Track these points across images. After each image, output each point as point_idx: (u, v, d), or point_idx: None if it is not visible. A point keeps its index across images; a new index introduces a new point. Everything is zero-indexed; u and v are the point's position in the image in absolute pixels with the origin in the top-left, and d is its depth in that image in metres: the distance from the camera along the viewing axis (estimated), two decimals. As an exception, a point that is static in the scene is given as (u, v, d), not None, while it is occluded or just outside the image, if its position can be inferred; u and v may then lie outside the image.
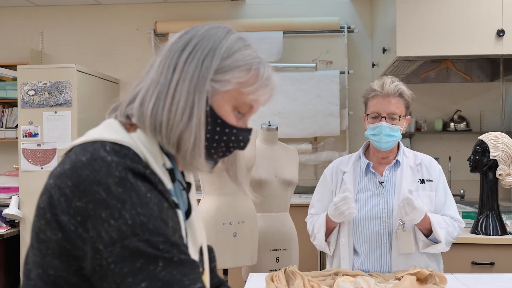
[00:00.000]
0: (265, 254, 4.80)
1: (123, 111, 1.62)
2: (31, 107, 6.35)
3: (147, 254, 1.39)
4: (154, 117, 1.56)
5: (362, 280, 3.00)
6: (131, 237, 1.38)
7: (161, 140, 1.58)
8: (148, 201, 1.45)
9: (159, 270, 1.39)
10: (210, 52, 1.62)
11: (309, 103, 7.38)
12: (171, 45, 1.66)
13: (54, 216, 1.45)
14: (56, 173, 1.50)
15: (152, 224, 1.42)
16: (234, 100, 1.64)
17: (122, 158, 1.48)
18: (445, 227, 3.40)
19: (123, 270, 1.38)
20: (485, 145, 4.39)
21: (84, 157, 1.46)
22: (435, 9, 5.14)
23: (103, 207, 1.40)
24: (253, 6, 7.79)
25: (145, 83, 1.63)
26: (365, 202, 3.52)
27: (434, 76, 7.15)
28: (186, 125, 1.56)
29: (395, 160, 3.57)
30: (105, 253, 1.39)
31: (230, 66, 1.63)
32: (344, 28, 7.54)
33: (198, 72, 1.59)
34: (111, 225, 1.39)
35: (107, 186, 1.41)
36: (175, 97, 1.56)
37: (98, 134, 1.55)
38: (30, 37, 8.03)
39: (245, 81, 1.64)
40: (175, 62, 1.61)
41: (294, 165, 5.00)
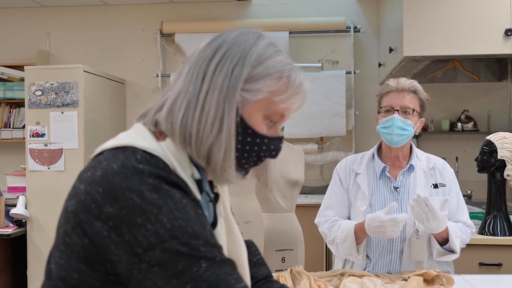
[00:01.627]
0: (271, 255, 4.79)
1: (151, 118, 1.59)
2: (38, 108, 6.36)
3: (189, 255, 1.39)
4: (184, 128, 1.53)
5: (368, 281, 2.99)
6: (170, 241, 1.38)
7: (191, 152, 1.55)
8: (184, 206, 1.44)
9: (203, 270, 1.39)
10: (240, 60, 1.58)
11: (315, 103, 7.37)
12: (200, 52, 1.62)
13: (82, 222, 1.44)
14: (86, 179, 1.48)
15: (191, 227, 1.42)
16: (265, 109, 1.60)
17: (154, 167, 1.46)
18: (460, 235, 3.36)
19: (166, 272, 1.38)
20: (492, 145, 4.37)
21: (116, 165, 1.45)
22: (442, 8, 5.12)
23: (137, 213, 1.39)
24: (259, 6, 7.79)
25: (173, 92, 1.59)
26: (380, 207, 3.44)
27: (441, 76, 7.13)
28: (216, 138, 1.52)
29: (409, 165, 3.52)
30: (145, 257, 1.38)
31: (260, 74, 1.59)
32: (350, 28, 7.53)
33: (228, 82, 1.54)
34: (148, 229, 1.38)
35: (141, 193, 1.40)
36: (205, 108, 1.52)
37: (129, 140, 1.53)
38: (37, 37, 8.05)
39: (277, 90, 1.60)
40: (204, 71, 1.57)
41: (300, 165, 4.98)
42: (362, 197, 3.48)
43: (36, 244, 6.31)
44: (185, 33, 7.69)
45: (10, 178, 6.78)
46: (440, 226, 3.20)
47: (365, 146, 7.01)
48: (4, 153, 7.97)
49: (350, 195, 3.55)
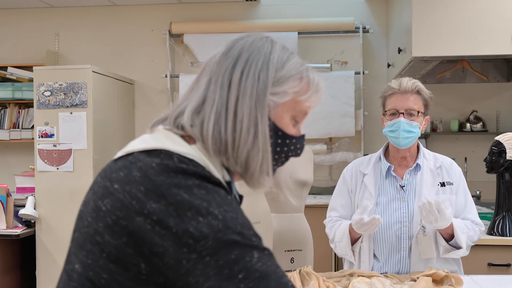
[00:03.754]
0: (280, 255, 4.79)
1: (173, 122, 1.60)
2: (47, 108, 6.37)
3: (242, 245, 1.40)
4: (218, 137, 1.54)
5: (377, 281, 2.99)
6: (224, 230, 1.39)
7: (226, 161, 1.57)
8: (231, 201, 1.47)
9: (255, 260, 1.41)
10: (264, 65, 1.60)
11: (324, 104, 7.29)
12: (219, 62, 1.62)
13: (119, 219, 1.44)
14: (121, 179, 1.48)
15: (241, 219, 1.45)
16: (292, 110, 1.65)
17: (195, 167, 1.48)
18: (466, 231, 3.37)
19: (218, 262, 1.38)
20: (501, 146, 4.36)
21: (155, 164, 1.46)
22: (451, 9, 5.11)
23: (187, 207, 1.39)
24: (268, 6, 7.80)
25: (192, 101, 1.60)
26: (386, 206, 3.48)
27: (450, 76, 7.11)
28: (253, 144, 1.55)
29: (416, 164, 3.53)
30: (197, 247, 1.38)
31: (284, 76, 1.63)
32: (359, 28, 7.52)
33: (257, 87, 1.57)
34: (199, 221, 1.38)
35: (189, 188, 1.42)
36: (238, 115, 1.54)
37: (161, 144, 1.53)
38: (46, 38, 8.07)
39: (300, 90, 1.66)
40: (228, 78, 1.57)
41: (309, 165, 4.98)
42: (369, 196, 3.51)
43: (44, 245, 6.32)
44: (194, 33, 7.70)
45: (19, 178, 6.80)
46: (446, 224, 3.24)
47: (374, 146, 7.00)
48: (13, 154, 7.99)
49: (357, 195, 3.57)
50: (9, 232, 5.96)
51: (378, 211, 3.46)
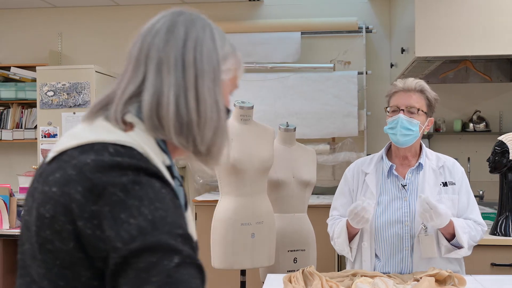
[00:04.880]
0: (283, 255, 4.79)
1: (118, 115, 1.55)
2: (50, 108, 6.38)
3: (165, 248, 1.37)
4: (180, 118, 1.52)
5: (380, 281, 2.99)
6: (152, 232, 1.36)
7: (187, 142, 1.56)
8: (164, 196, 1.43)
9: (172, 266, 1.36)
10: (212, 43, 1.61)
11: (327, 104, 7.37)
12: (164, 43, 1.60)
13: (66, 225, 1.41)
14: (58, 181, 1.45)
15: (171, 217, 1.40)
16: (232, 85, 1.68)
17: (130, 159, 1.44)
18: (468, 231, 3.37)
19: (139, 265, 1.35)
20: (504, 146, 4.36)
21: (89, 159, 1.43)
22: (454, 9, 5.11)
23: (121, 208, 1.37)
24: (271, 6, 7.80)
25: (141, 84, 1.57)
26: (387, 205, 3.49)
27: (453, 76, 7.11)
28: (218, 121, 1.57)
29: (418, 163, 3.54)
30: (123, 251, 1.35)
31: (227, 53, 1.64)
32: (362, 28, 7.52)
33: (213, 65, 1.58)
34: (130, 223, 1.36)
35: (124, 186, 1.39)
36: (200, 95, 1.54)
37: (94, 135, 1.50)
38: (49, 38, 8.08)
39: (237, 66, 1.67)
40: (181, 58, 1.56)
41: (312, 165, 4.99)
42: (370, 196, 3.51)
43: (48, 244, 6.32)
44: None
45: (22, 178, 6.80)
46: (444, 221, 3.25)
47: (377, 146, 6.99)
48: (16, 154, 8.00)
49: (359, 195, 3.58)
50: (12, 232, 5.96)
51: (379, 210, 3.47)
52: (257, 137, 4.56)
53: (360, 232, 3.51)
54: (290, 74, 7.50)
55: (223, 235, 4.44)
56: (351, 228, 3.45)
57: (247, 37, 7.59)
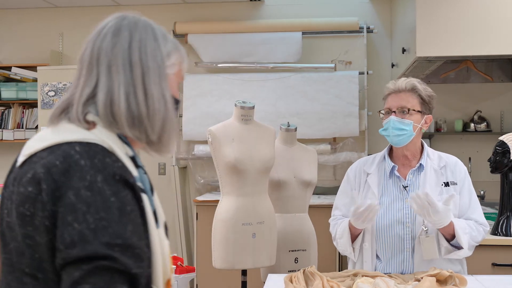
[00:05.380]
0: (284, 255, 4.79)
1: (80, 115, 1.69)
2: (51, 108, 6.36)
3: (101, 258, 1.47)
4: (131, 113, 1.68)
5: (381, 281, 2.99)
6: (92, 241, 1.48)
7: (139, 134, 1.72)
8: (111, 205, 1.53)
9: (105, 278, 1.47)
10: (155, 42, 1.79)
11: (328, 104, 7.37)
12: (111, 46, 1.78)
13: (44, 220, 1.55)
14: (30, 180, 1.60)
15: (112, 228, 1.51)
16: (178, 77, 1.86)
17: (93, 159, 1.58)
18: (468, 232, 3.36)
19: (74, 274, 1.47)
20: (505, 146, 4.36)
21: (58, 161, 1.58)
22: (455, 9, 5.11)
23: (70, 210, 1.50)
24: (272, 6, 7.80)
25: (95, 86, 1.72)
26: (389, 206, 3.48)
27: (454, 76, 7.12)
28: (165, 111, 1.73)
29: (419, 164, 3.53)
30: (63, 253, 1.49)
31: (170, 50, 1.83)
32: (363, 28, 7.52)
33: (157, 63, 1.76)
34: (74, 227, 1.49)
35: (77, 190, 1.52)
36: (148, 91, 1.71)
37: (61, 137, 1.65)
38: (50, 38, 8.08)
39: (181, 60, 1.87)
40: (128, 58, 1.72)
41: (313, 165, 4.99)
42: (372, 196, 3.51)
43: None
44: (198, 33, 7.70)
45: (23, 178, 6.80)
46: (444, 221, 3.24)
47: (378, 146, 6.99)
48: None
49: (361, 195, 3.57)
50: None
51: (380, 211, 3.46)
52: (258, 137, 4.56)
53: (361, 233, 3.50)
54: (291, 74, 7.50)
55: (224, 235, 4.44)
56: (354, 229, 3.45)
57: (248, 37, 7.60)
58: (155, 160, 7.95)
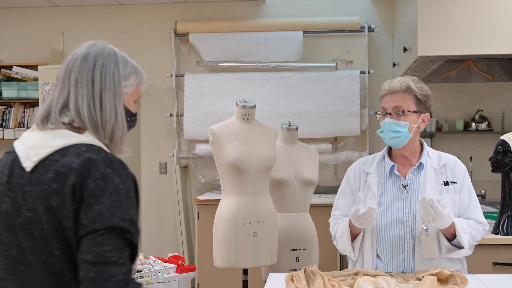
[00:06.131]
0: (285, 254, 4.79)
1: (58, 120, 2.16)
2: (52, 107, 6.37)
3: (118, 228, 1.99)
4: (92, 119, 2.16)
5: (382, 280, 2.99)
6: (109, 217, 1.98)
7: (99, 136, 2.18)
8: (120, 190, 2.04)
9: (119, 242, 2.00)
10: (115, 66, 2.24)
11: (329, 103, 7.37)
12: (80, 67, 2.21)
13: (72, 207, 2.01)
14: (54, 178, 2.03)
15: (122, 207, 2.02)
16: (135, 95, 2.35)
17: (101, 155, 2.08)
18: (469, 231, 3.35)
19: (96, 238, 1.97)
20: (506, 145, 4.35)
21: (75, 160, 2.05)
22: (456, 8, 5.10)
23: (91, 195, 1.99)
24: (273, 5, 7.80)
25: (67, 97, 2.19)
26: (389, 205, 3.48)
27: (455, 75, 7.11)
28: (115, 122, 2.19)
29: (419, 163, 3.53)
30: (88, 227, 1.97)
31: (129, 73, 2.29)
32: (364, 27, 7.52)
33: (114, 82, 2.21)
34: (95, 208, 1.98)
35: (95, 179, 2.01)
36: (103, 103, 2.18)
37: (64, 141, 2.11)
38: (51, 37, 8.09)
39: (138, 81, 2.34)
40: (91, 78, 2.19)
41: (314, 165, 4.98)
42: (372, 195, 3.51)
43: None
44: (199, 32, 7.70)
45: (24, 177, 6.80)
46: (446, 224, 3.23)
47: (379, 146, 6.99)
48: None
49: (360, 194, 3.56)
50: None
51: (380, 210, 3.47)
52: (259, 136, 4.56)
53: (362, 232, 3.50)
54: (292, 73, 7.51)
55: (225, 234, 4.44)
56: (354, 228, 3.45)
57: (249, 36, 7.60)
58: (156, 160, 7.97)
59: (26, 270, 2.08)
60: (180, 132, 7.80)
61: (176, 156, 7.72)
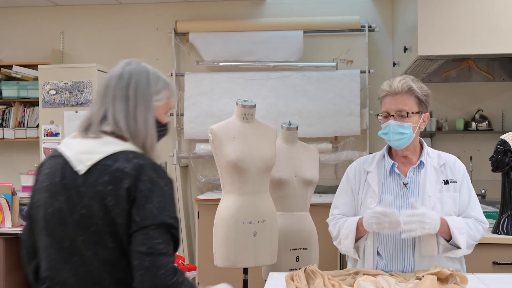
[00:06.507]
0: (285, 254, 4.79)
1: (98, 129, 2.49)
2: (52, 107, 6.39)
3: (166, 225, 2.34)
4: (128, 130, 2.48)
5: (382, 280, 2.99)
6: (158, 215, 2.33)
7: (135, 144, 2.49)
8: (165, 192, 2.39)
9: (167, 236, 2.36)
10: (147, 83, 2.54)
11: (329, 103, 7.37)
12: (117, 84, 2.51)
13: (125, 206, 2.33)
14: (109, 181, 2.35)
15: (168, 206, 2.38)
16: (165, 108, 2.64)
17: (148, 161, 2.43)
18: (466, 231, 3.35)
19: (149, 233, 2.31)
20: (507, 145, 4.35)
21: (126, 164, 2.37)
22: (456, 7, 5.10)
23: (142, 196, 2.33)
24: (273, 5, 7.80)
25: (106, 110, 2.50)
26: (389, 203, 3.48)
27: (456, 75, 7.11)
28: (146, 132, 2.51)
29: (419, 161, 3.53)
30: (140, 223, 2.31)
31: (160, 89, 2.58)
32: (365, 27, 7.52)
33: (146, 98, 2.52)
34: (146, 207, 2.32)
35: (144, 182, 2.34)
36: (137, 117, 2.49)
37: (113, 148, 2.43)
38: (51, 36, 8.09)
39: (169, 96, 2.63)
40: (125, 94, 2.49)
41: (314, 164, 4.98)
42: (372, 194, 3.51)
43: (50, 243, 6.32)
44: (199, 32, 7.70)
45: (24, 177, 6.80)
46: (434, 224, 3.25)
47: (379, 145, 6.99)
48: (19, 152, 8.01)
49: (360, 193, 3.57)
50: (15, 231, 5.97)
51: None
52: (260, 136, 4.56)
53: None
54: (292, 73, 7.51)
55: (225, 234, 4.44)
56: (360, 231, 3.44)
57: (250, 36, 7.61)
58: (156, 159, 7.95)
59: (80, 260, 2.39)
60: (180, 132, 7.80)
61: (176, 156, 7.72)
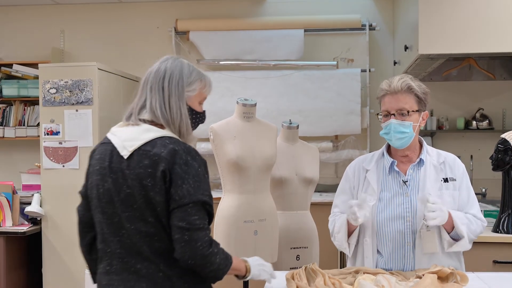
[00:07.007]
0: (286, 252, 4.79)
1: (137, 118, 2.81)
2: (52, 105, 6.37)
3: (201, 202, 2.63)
4: (164, 118, 2.77)
5: (383, 278, 2.99)
6: (194, 193, 2.61)
7: (171, 130, 2.78)
8: (199, 173, 2.68)
9: (203, 212, 2.67)
10: (180, 76, 2.84)
11: (330, 101, 7.37)
12: (154, 78, 2.83)
13: (163, 186, 2.62)
14: (149, 164, 2.64)
15: (203, 185, 2.67)
16: (199, 98, 2.95)
17: (181, 146, 2.68)
18: (466, 223, 3.37)
19: (187, 210, 2.60)
20: (507, 144, 4.36)
21: (163, 149, 2.65)
22: (457, 6, 5.10)
23: (178, 177, 2.61)
24: (274, 3, 7.79)
25: (142, 99, 2.84)
26: (389, 201, 3.48)
27: (456, 74, 7.10)
28: (180, 119, 2.79)
29: (419, 159, 3.53)
30: (178, 202, 2.60)
31: (193, 80, 2.88)
32: (365, 25, 7.52)
33: (178, 89, 2.82)
34: (183, 187, 2.60)
35: (179, 165, 2.62)
36: (171, 105, 2.79)
37: (152, 134, 2.72)
38: (51, 35, 8.09)
39: (202, 87, 2.93)
40: (161, 86, 2.80)
41: (315, 163, 4.98)
42: (372, 192, 3.52)
43: (51, 242, 6.33)
44: (199, 30, 7.70)
45: (25, 176, 6.81)
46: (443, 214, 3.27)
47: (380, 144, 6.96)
48: (19, 151, 8.01)
49: (360, 192, 3.57)
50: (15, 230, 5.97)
51: (381, 206, 3.48)
52: (260, 135, 4.56)
53: (362, 229, 3.51)
54: (293, 71, 7.51)
55: (226, 233, 4.44)
56: (350, 225, 3.47)
57: (250, 35, 7.60)
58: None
59: (126, 233, 2.70)
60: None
61: (177, 155, 7.70)
